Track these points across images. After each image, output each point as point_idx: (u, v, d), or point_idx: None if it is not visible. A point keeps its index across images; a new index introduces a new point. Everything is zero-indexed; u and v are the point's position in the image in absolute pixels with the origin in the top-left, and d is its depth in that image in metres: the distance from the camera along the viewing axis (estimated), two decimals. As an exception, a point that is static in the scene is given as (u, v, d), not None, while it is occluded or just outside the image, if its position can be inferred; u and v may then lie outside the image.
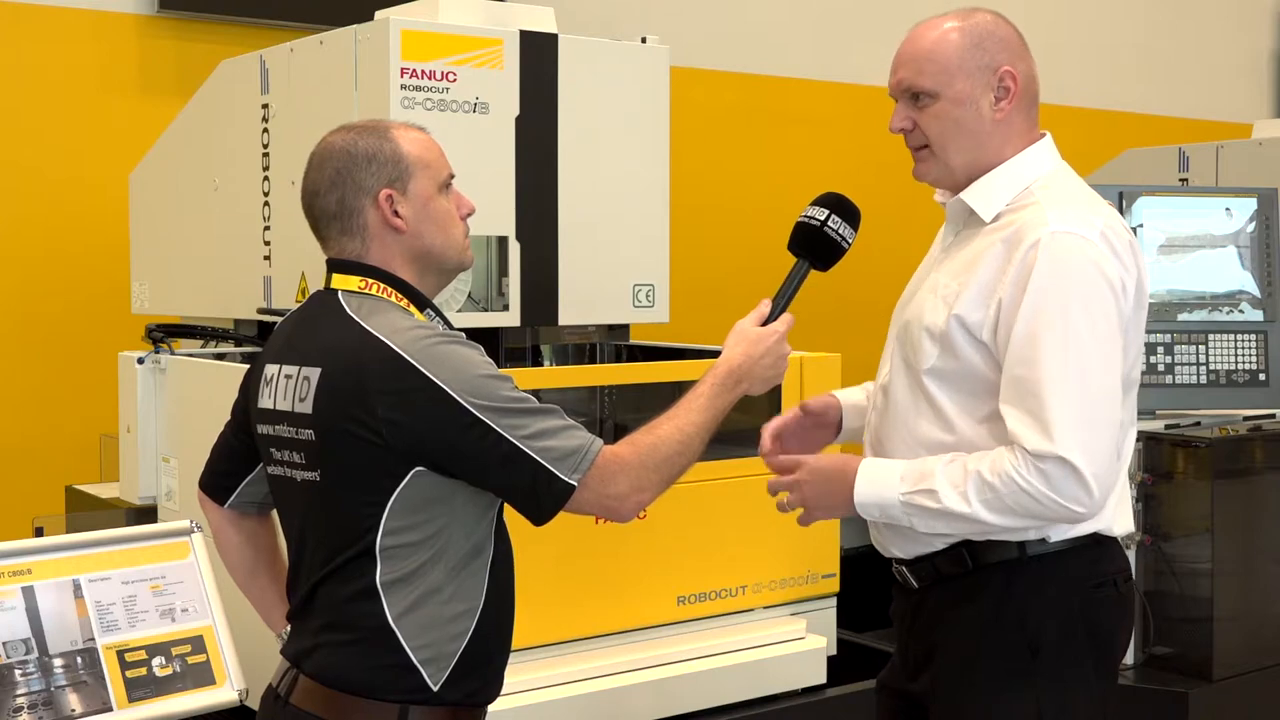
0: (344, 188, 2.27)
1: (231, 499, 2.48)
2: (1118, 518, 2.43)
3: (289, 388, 2.27)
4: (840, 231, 2.46)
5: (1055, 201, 2.37)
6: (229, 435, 2.49)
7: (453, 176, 2.36)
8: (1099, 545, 2.41)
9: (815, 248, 2.47)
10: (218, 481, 2.50)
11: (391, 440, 2.14)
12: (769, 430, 2.60)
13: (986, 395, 2.34)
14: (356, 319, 2.21)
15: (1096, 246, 2.31)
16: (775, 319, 2.43)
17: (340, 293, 2.28)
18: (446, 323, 2.34)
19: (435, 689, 2.20)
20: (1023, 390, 2.27)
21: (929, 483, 2.31)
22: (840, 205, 2.48)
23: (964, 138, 2.44)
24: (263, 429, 2.34)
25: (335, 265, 2.32)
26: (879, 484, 2.37)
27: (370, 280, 2.27)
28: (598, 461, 2.19)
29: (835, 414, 2.71)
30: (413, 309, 2.28)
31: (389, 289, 2.28)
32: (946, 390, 2.40)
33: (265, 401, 2.33)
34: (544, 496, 2.18)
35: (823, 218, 2.46)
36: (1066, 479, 2.22)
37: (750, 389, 2.39)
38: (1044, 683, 2.36)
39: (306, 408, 2.22)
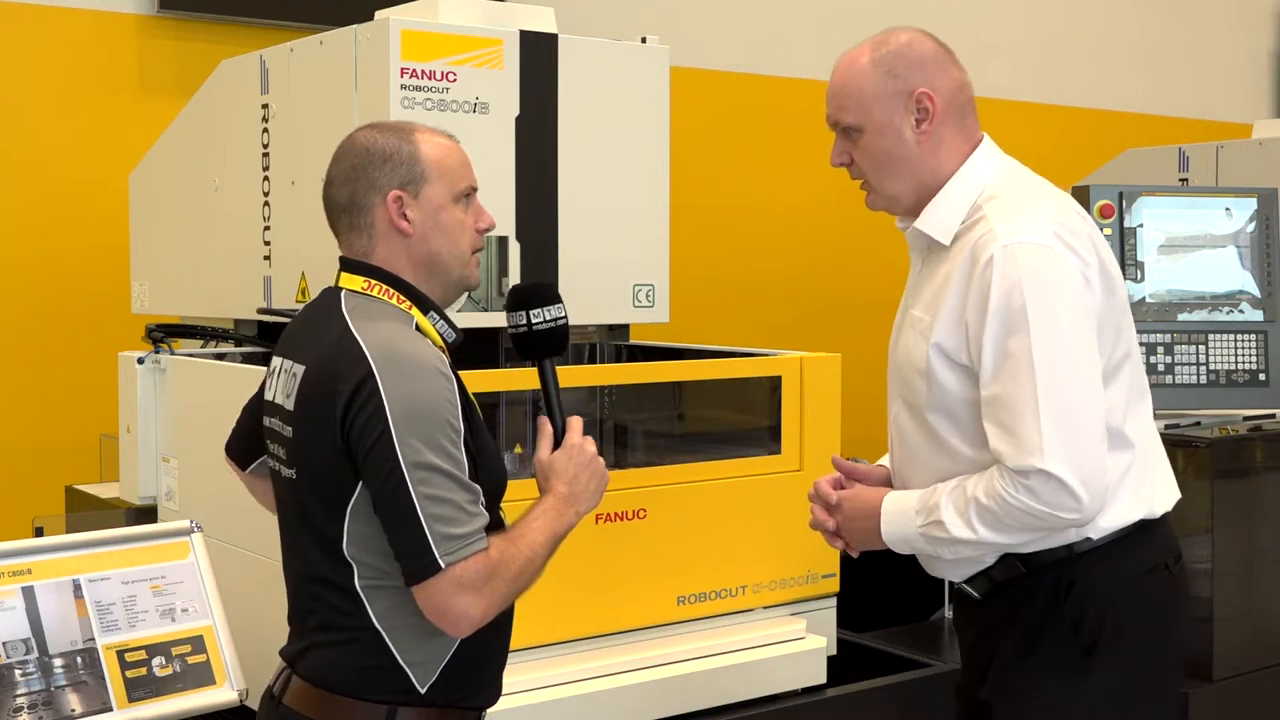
0: (356, 183, 2.27)
1: (252, 467, 2.52)
2: (1158, 496, 2.46)
3: (284, 383, 2.28)
4: (547, 318, 2.37)
5: (1003, 212, 2.37)
6: (249, 411, 2.51)
7: (474, 189, 2.33)
8: (1144, 530, 2.43)
9: (541, 346, 2.39)
10: (239, 447, 2.54)
11: (342, 443, 2.13)
12: (827, 485, 2.60)
13: (979, 419, 2.36)
14: (347, 320, 2.21)
15: (1050, 249, 2.31)
16: (561, 430, 2.35)
17: (343, 291, 2.28)
18: (450, 325, 2.33)
19: (423, 691, 2.20)
20: (998, 407, 2.29)
21: (936, 514, 2.36)
22: (529, 296, 2.39)
23: (894, 166, 2.46)
24: (265, 420, 2.36)
25: (344, 264, 2.32)
26: (900, 522, 2.43)
27: (373, 281, 2.27)
28: (471, 560, 2.09)
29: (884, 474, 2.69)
30: (415, 311, 2.27)
31: (390, 290, 2.27)
32: (947, 421, 2.42)
33: (268, 393, 2.35)
34: (413, 563, 2.10)
35: (525, 322, 2.36)
36: (1052, 491, 2.24)
37: (584, 510, 2.30)
38: (1103, 676, 2.38)
39: (290, 404, 2.24)
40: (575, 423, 2.35)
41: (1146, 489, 2.43)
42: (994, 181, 2.45)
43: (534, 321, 2.36)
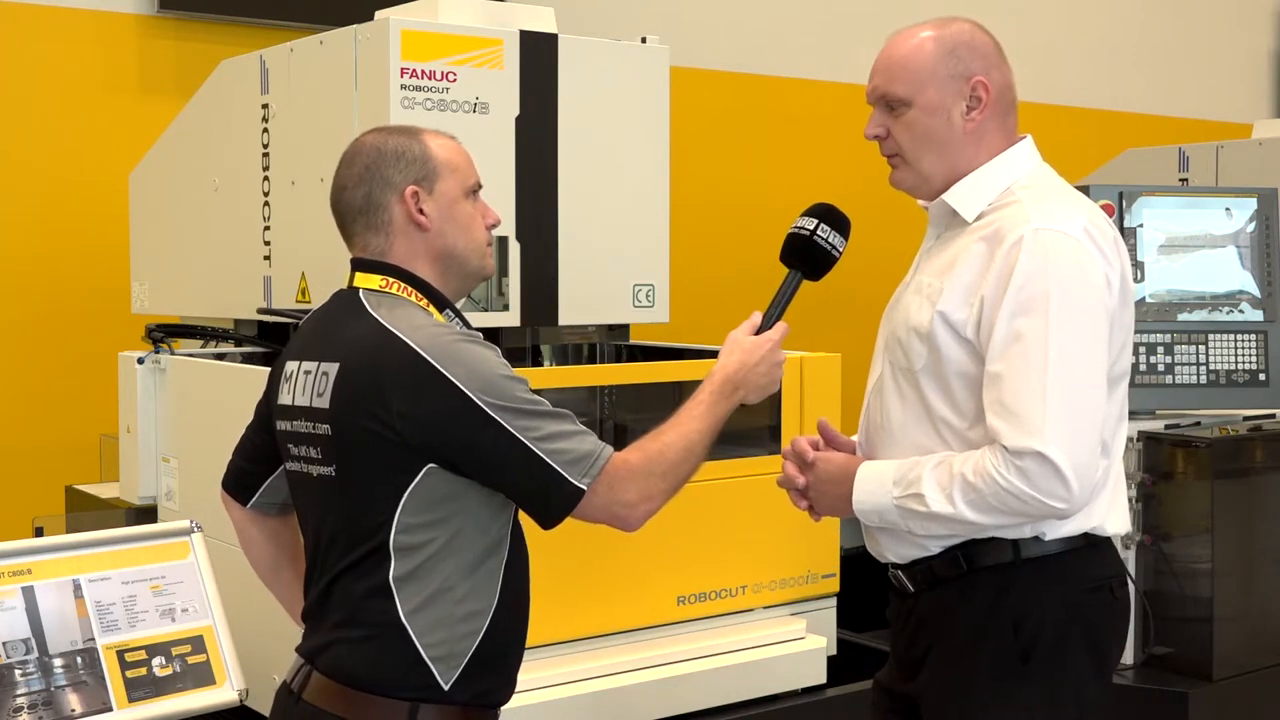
0: (371, 183, 2.31)
1: (254, 499, 2.50)
2: (1110, 517, 2.42)
3: (308, 383, 2.29)
4: (830, 240, 2.48)
5: (1037, 199, 2.38)
6: (252, 435, 2.51)
7: (480, 185, 2.39)
8: (1093, 548, 2.40)
9: (806, 258, 2.49)
10: (240, 481, 2.52)
11: (406, 435, 2.16)
12: (804, 442, 2.58)
13: (973, 394, 2.34)
14: (376, 316, 2.24)
15: (1079, 242, 2.31)
16: (768, 329, 2.44)
17: (361, 291, 2.31)
18: (465, 323, 2.35)
19: (446, 688, 2.21)
20: (1002, 386, 2.27)
21: (917, 487, 2.32)
22: (830, 215, 2.50)
23: (935, 146, 2.45)
24: (281, 425, 2.36)
25: (358, 264, 2.35)
26: (874, 490, 2.39)
27: (391, 279, 2.30)
28: (608, 468, 2.20)
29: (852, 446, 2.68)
30: (432, 309, 2.31)
31: (409, 288, 2.30)
32: (936, 390, 2.40)
33: (284, 398, 2.35)
34: (553, 500, 2.19)
35: (812, 227, 2.48)
36: (1044, 475, 2.21)
37: (747, 397, 2.40)
38: (1036, 687, 2.35)
39: (324, 402, 2.25)
40: (780, 327, 2.46)
41: (1104, 504, 2.40)
42: (1031, 174, 2.47)
43: (819, 233, 2.47)
